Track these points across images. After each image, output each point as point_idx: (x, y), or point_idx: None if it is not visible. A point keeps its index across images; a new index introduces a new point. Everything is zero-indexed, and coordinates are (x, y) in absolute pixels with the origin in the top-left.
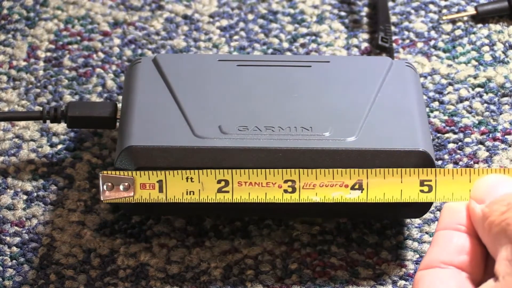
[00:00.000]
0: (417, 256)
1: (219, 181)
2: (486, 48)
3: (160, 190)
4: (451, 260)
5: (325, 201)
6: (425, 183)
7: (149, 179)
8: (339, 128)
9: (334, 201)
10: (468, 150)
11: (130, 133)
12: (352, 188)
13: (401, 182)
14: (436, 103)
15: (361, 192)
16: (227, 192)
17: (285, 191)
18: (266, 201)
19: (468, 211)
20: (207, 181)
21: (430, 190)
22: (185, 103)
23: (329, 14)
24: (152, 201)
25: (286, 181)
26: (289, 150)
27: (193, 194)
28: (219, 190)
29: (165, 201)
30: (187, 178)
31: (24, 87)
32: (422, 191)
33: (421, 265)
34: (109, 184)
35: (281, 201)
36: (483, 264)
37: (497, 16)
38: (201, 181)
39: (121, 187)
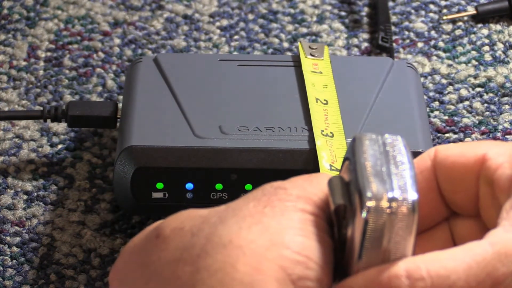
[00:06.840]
0: None
1: None
2: (486, 48)
3: None
4: None
5: None
6: None
7: None
8: None
9: None
10: None
11: (130, 133)
12: None
13: None
14: (436, 103)
15: None
16: None
17: None
18: None
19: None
20: None
21: None
22: (186, 103)
23: (329, 14)
24: None
25: None
26: (289, 151)
27: None
28: None
29: None
30: None
31: (24, 87)
32: None
33: None
34: None
35: None
36: None
37: (497, 16)
38: None
39: None
